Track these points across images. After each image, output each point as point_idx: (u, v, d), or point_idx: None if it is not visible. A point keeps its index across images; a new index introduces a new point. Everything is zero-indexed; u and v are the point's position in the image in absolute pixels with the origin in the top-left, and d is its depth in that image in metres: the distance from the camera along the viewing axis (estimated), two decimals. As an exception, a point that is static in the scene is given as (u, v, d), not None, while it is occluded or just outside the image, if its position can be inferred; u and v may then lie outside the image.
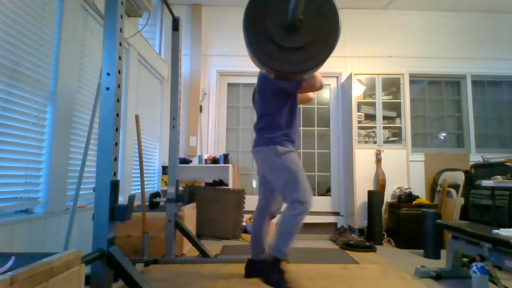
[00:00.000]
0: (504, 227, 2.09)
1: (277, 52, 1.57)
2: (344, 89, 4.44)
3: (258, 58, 1.59)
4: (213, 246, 3.14)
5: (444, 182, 3.77)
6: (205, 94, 4.45)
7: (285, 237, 1.98)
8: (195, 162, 4.27)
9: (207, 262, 2.54)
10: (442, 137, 4.58)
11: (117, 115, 1.56)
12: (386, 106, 4.09)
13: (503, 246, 1.80)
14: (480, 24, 4.59)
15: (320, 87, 2.10)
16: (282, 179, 2.04)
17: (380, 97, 4.06)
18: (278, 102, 2.11)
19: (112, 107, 1.53)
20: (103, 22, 1.64)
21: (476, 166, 3.35)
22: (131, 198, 1.57)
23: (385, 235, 3.57)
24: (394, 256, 2.96)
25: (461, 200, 3.43)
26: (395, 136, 4.08)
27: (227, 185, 4.07)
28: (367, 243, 3.19)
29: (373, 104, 4.07)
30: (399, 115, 4.06)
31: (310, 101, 2.46)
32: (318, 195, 4.49)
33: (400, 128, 4.03)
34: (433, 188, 4.14)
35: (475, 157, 4.16)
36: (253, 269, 2.21)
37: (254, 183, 4.55)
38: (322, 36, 1.58)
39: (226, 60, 4.48)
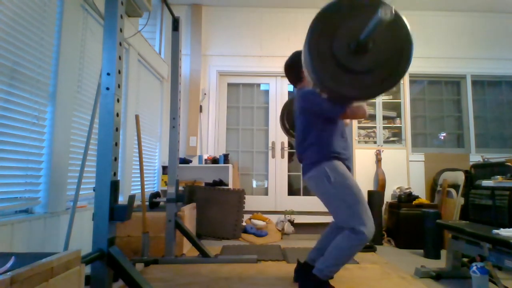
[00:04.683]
0: (504, 227, 2.09)
1: (338, 72, 1.42)
2: (344, 89, 4.43)
3: (316, 74, 1.43)
4: (213, 246, 3.14)
5: (444, 182, 3.77)
6: (205, 94, 4.45)
7: (335, 262, 1.86)
8: (195, 162, 4.27)
9: (207, 262, 2.54)
10: (442, 137, 4.58)
11: (117, 115, 1.56)
12: (386, 106, 4.10)
13: (503, 246, 1.80)
14: (480, 24, 4.59)
15: (363, 117, 1.85)
16: (335, 204, 1.92)
17: (380, 97, 4.06)
18: (321, 122, 1.94)
19: (112, 107, 1.53)
20: (103, 22, 1.64)
21: (476, 166, 3.34)
22: (131, 198, 1.57)
23: (385, 235, 3.57)
24: (394, 256, 2.96)
25: (461, 200, 3.43)
26: (395, 136, 4.08)
27: (227, 185, 4.07)
28: (367, 243, 3.19)
29: (373, 104, 4.07)
30: (399, 115, 4.07)
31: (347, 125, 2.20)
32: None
33: (400, 128, 4.04)
34: (433, 188, 4.13)
35: (475, 157, 4.16)
36: (302, 273, 2.07)
37: (254, 183, 4.55)
38: (391, 63, 1.41)
39: (226, 60, 4.48)
